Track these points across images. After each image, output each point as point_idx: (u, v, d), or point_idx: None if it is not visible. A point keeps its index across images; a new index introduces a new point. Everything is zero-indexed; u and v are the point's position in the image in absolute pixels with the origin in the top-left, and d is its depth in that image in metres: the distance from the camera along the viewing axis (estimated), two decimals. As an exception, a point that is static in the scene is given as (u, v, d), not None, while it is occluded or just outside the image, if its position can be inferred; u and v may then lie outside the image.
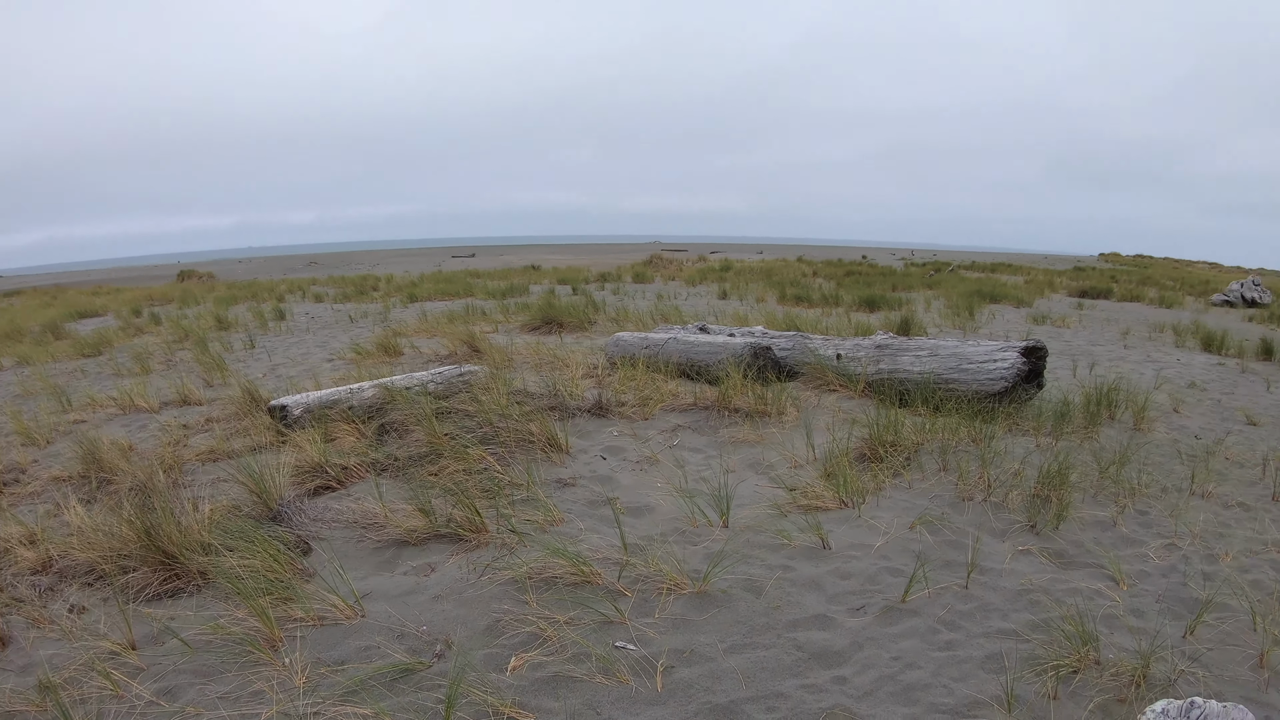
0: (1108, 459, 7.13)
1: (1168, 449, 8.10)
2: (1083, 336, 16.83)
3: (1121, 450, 7.35)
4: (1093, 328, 18.61)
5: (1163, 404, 10.14)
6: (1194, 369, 13.39)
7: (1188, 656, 4.34)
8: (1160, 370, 12.93)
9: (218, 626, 4.18)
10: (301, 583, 4.74)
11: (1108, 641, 4.39)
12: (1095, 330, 18.05)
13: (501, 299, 22.50)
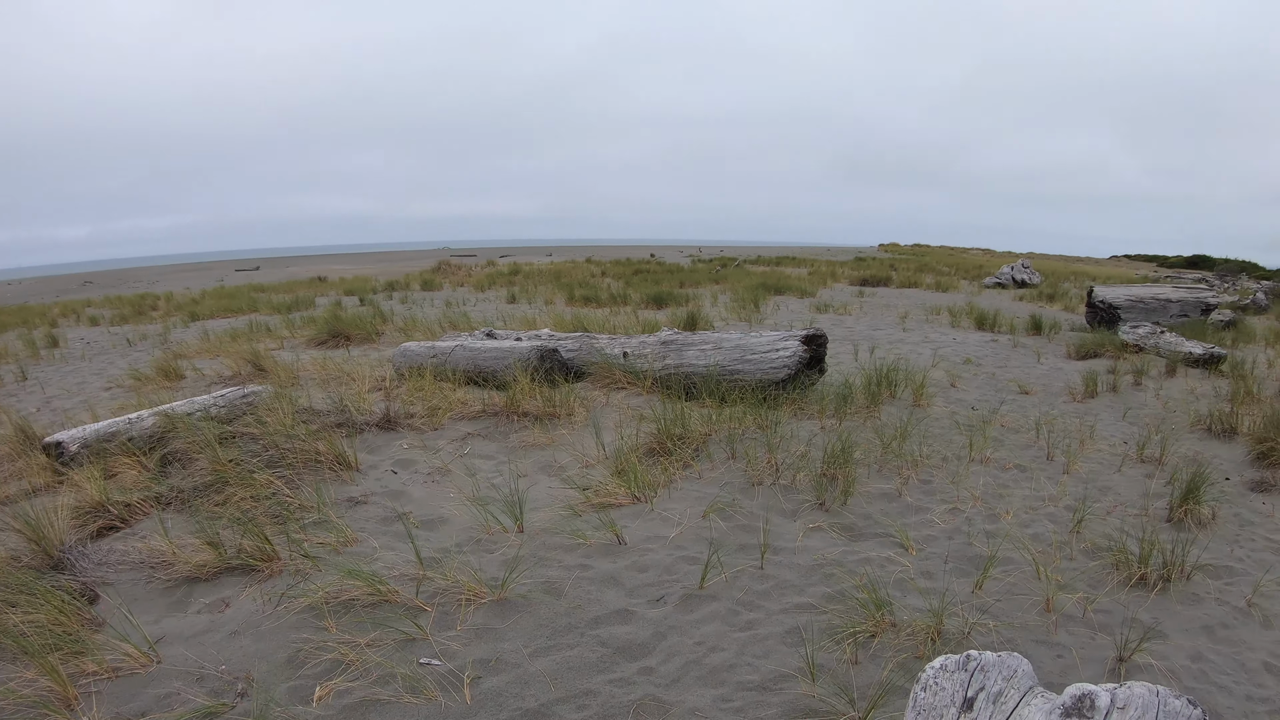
0: (890, 435, 7.69)
1: (946, 421, 8.80)
2: (864, 322, 18.14)
3: (902, 426, 7.96)
4: (873, 314, 19.58)
5: (941, 380, 10.99)
6: (969, 346, 14.55)
7: (978, 609, 4.77)
8: (937, 349, 13.98)
9: (8, 690, 3.94)
10: (91, 634, 4.51)
11: (901, 604, 4.76)
12: (876, 316, 19.27)
13: (287, 313, 22.20)
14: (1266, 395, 10.85)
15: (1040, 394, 10.79)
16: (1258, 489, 7.36)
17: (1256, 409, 9.73)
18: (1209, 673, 4.36)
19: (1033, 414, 9.43)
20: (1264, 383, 11.81)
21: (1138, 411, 10.01)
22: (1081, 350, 14.27)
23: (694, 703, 3.81)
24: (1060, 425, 9.03)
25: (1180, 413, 9.94)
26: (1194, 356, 13.42)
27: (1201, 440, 8.83)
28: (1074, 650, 4.43)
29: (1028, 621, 4.69)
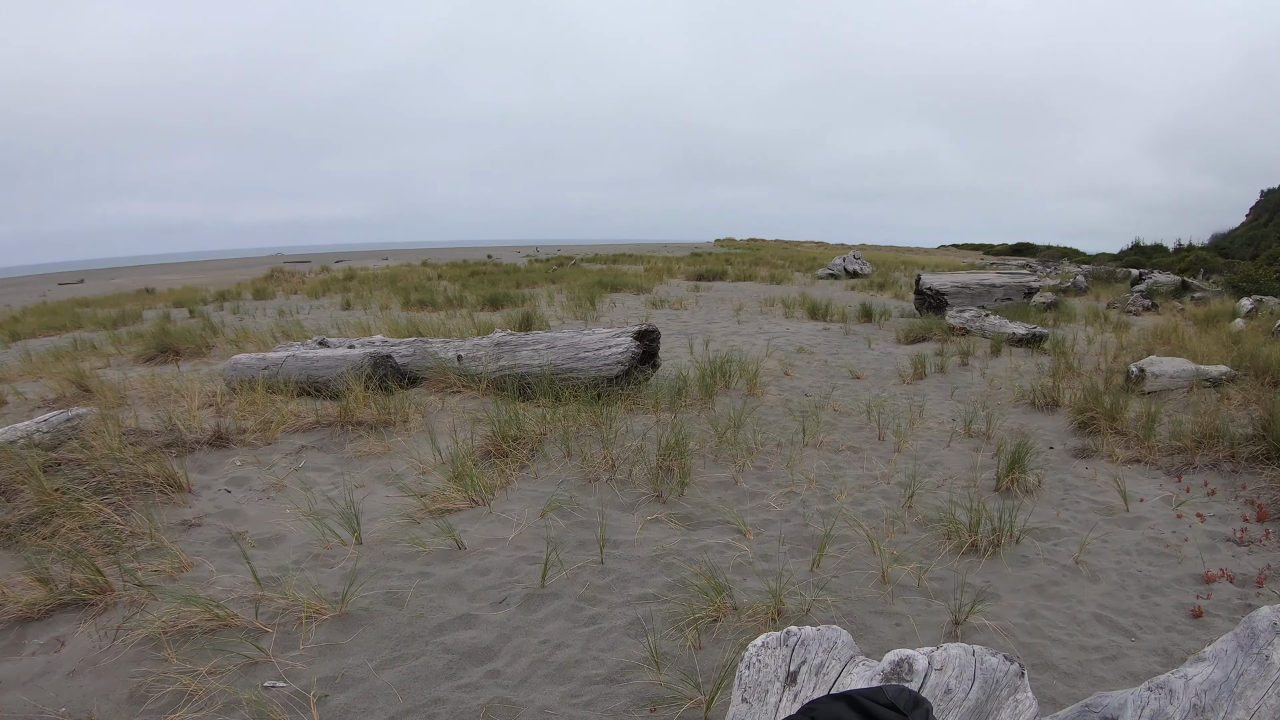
0: (725, 425, 7.90)
1: (781, 409, 9.08)
2: (699, 316, 18.45)
3: (737, 415, 8.20)
4: (709, 308, 20.01)
5: (775, 370, 11.36)
6: (802, 336, 15.04)
7: (816, 587, 4.97)
8: (771, 340, 14.41)
9: None
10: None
11: (741, 588, 4.93)
12: (711, 310, 19.70)
13: (113, 329, 20.87)
14: (1086, 369, 11.58)
15: (871, 378, 11.26)
16: (1080, 455, 7.87)
17: (1077, 382, 10.42)
18: (1042, 628, 4.67)
19: (864, 397, 9.82)
20: (1083, 358, 12.61)
21: (965, 390, 10.57)
22: (910, 335, 14.95)
23: (543, 701, 3.87)
24: (891, 407, 9.46)
25: (1005, 389, 10.53)
26: (1017, 336, 14.26)
27: (1026, 414, 9.37)
28: (911, 618, 4.66)
29: (865, 594, 4.91)
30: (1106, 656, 4.41)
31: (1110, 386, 10.13)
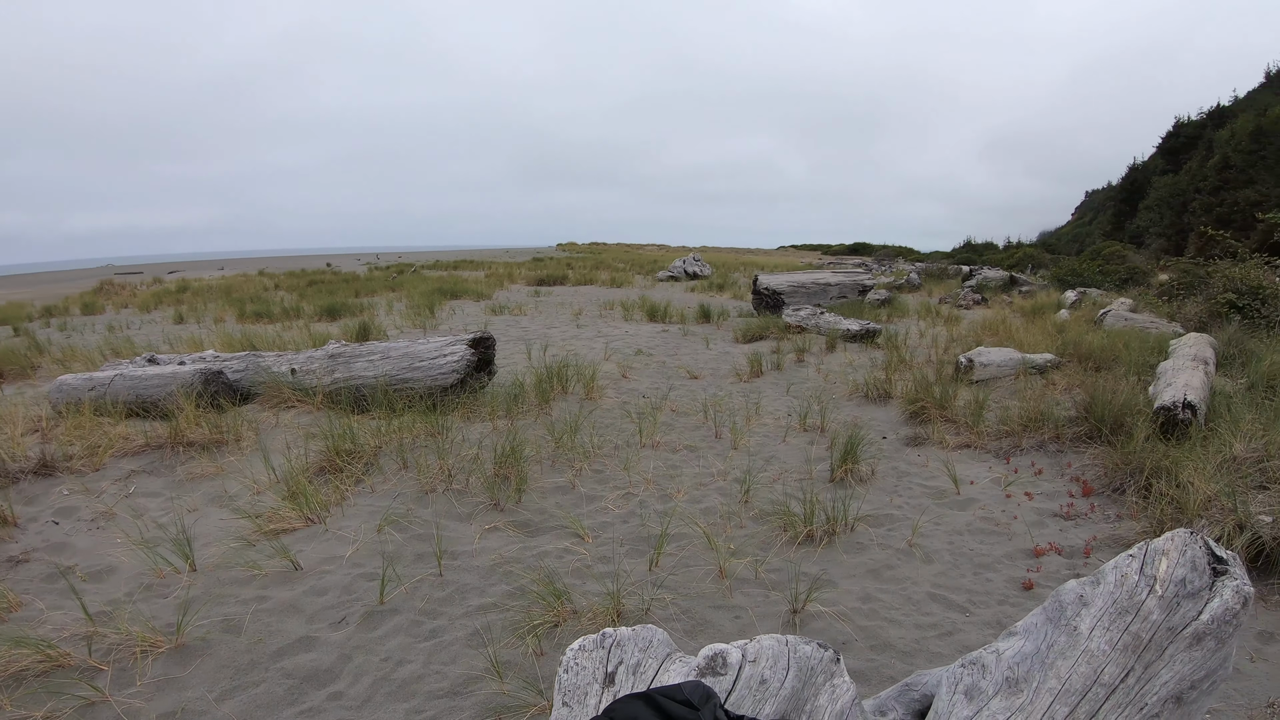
0: (562, 430, 7.93)
1: (618, 412, 9.18)
2: (539, 322, 18.19)
3: (574, 420, 8.26)
4: (548, 313, 20.02)
5: (612, 373, 11.43)
6: (641, 338, 15.21)
7: (655, 585, 5.04)
8: (610, 343, 14.53)
9: None
10: None
11: (581, 591, 4.97)
12: (551, 315, 19.73)
13: None
14: (918, 361, 12.03)
15: (709, 377, 11.46)
16: (912, 444, 8.17)
17: (908, 374, 10.83)
18: (879, 610, 4.84)
19: (702, 397, 9.99)
20: (915, 350, 13.09)
21: (800, 386, 10.84)
22: (748, 334, 15.28)
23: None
24: (728, 405, 9.63)
25: (840, 383, 10.87)
26: (851, 332, 14.77)
27: (860, 406, 9.68)
28: (750, 610, 4.77)
29: (704, 590, 5.00)
30: (942, 633, 4.60)
31: (941, 377, 10.59)
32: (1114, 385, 9.18)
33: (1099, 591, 2.52)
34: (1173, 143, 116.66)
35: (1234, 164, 74.48)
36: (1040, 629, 2.58)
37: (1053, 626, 2.54)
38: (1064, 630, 2.50)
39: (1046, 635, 2.54)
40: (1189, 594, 2.42)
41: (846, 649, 4.45)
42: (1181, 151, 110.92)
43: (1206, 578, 2.45)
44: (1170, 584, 2.44)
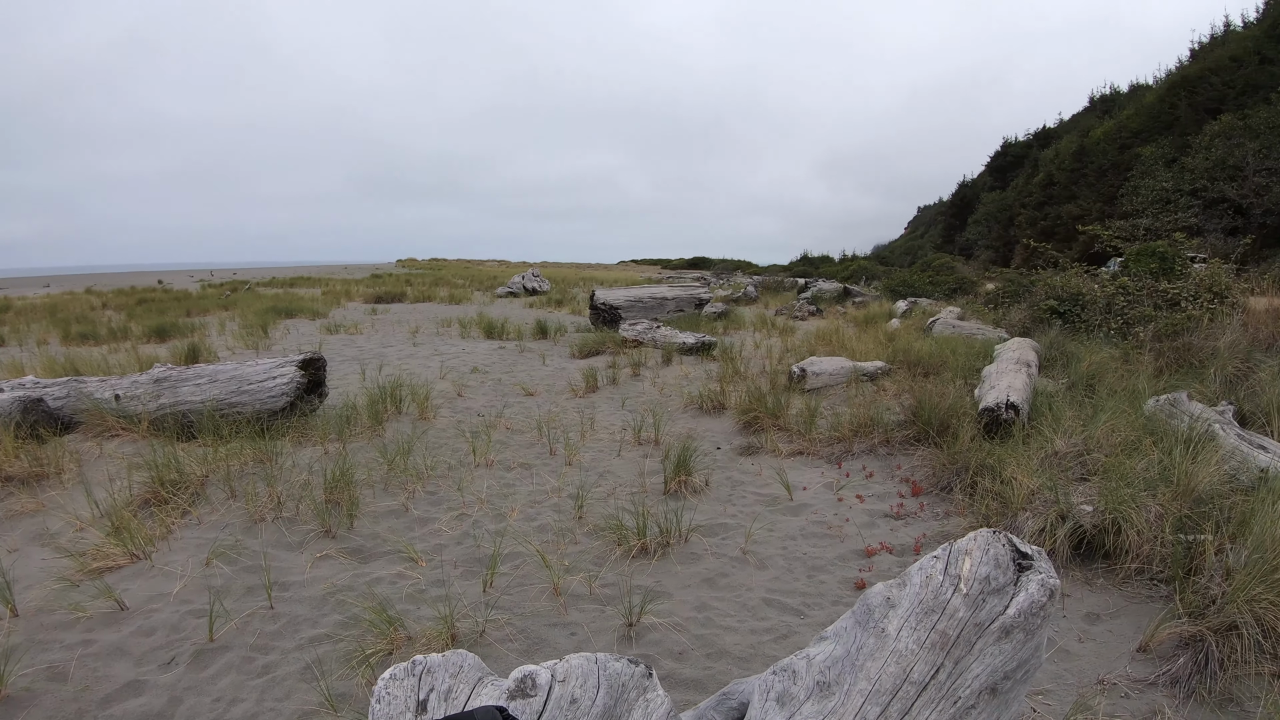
0: (394, 451, 7.84)
1: (452, 431, 9.13)
2: (375, 340, 17.94)
3: (407, 441, 8.20)
4: (385, 331, 19.80)
5: (448, 391, 11.38)
6: (477, 355, 15.18)
7: (490, 607, 5.04)
8: (446, 361, 14.48)
9: None
10: None
11: (415, 617, 4.92)
12: (387, 333, 19.53)
13: None
14: (752, 372, 12.30)
15: (545, 394, 11.52)
16: (746, 453, 8.36)
17: (742, 385, 11.05)
18: (714, 618, 4.95)
19: (537, 414, 10.05)
20: (750, 362, 13.38)
21: (636, 400, 10.99)
22: (584, 349, 15.43)
23: (220, 763, 3.70)
24: (563, 421, 9.72)
25: (675, 396, 11.05)
26: (687, 345, 15.11)
27: (695, 418, 9.86)
28: (586, 626, 4.82)
29: (539, 609, 5.02)
30: (778, 636, 4.73)
31: (775, 387, 10.88)
32: (941, 389, 9.62)
33: (905, 593, 2.62)
34: (1000, 161, 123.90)
35: (1057, 181, 79.38)
36: (850, 632, 2.66)
37: (861, 629, 2.63)
38: (872, 632, 2.58)
39: (856, 638, 2.62)
40: (994, 590, 2.52)
41: (683, 658, 4.55)
42: (1009, 169, 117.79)
43: (1011, 574, 2.56)
44: (975, 582, 2.54)
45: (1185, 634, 4.59)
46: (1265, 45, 70.06)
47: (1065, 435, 7.45)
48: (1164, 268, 17.30)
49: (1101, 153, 75.59)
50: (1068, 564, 5.70)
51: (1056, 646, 4.75)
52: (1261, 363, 10.65)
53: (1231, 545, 5.11)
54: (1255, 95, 61.20)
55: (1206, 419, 7.54)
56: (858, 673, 2.53)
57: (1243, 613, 4.45)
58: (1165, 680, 4.34)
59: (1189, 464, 6.19)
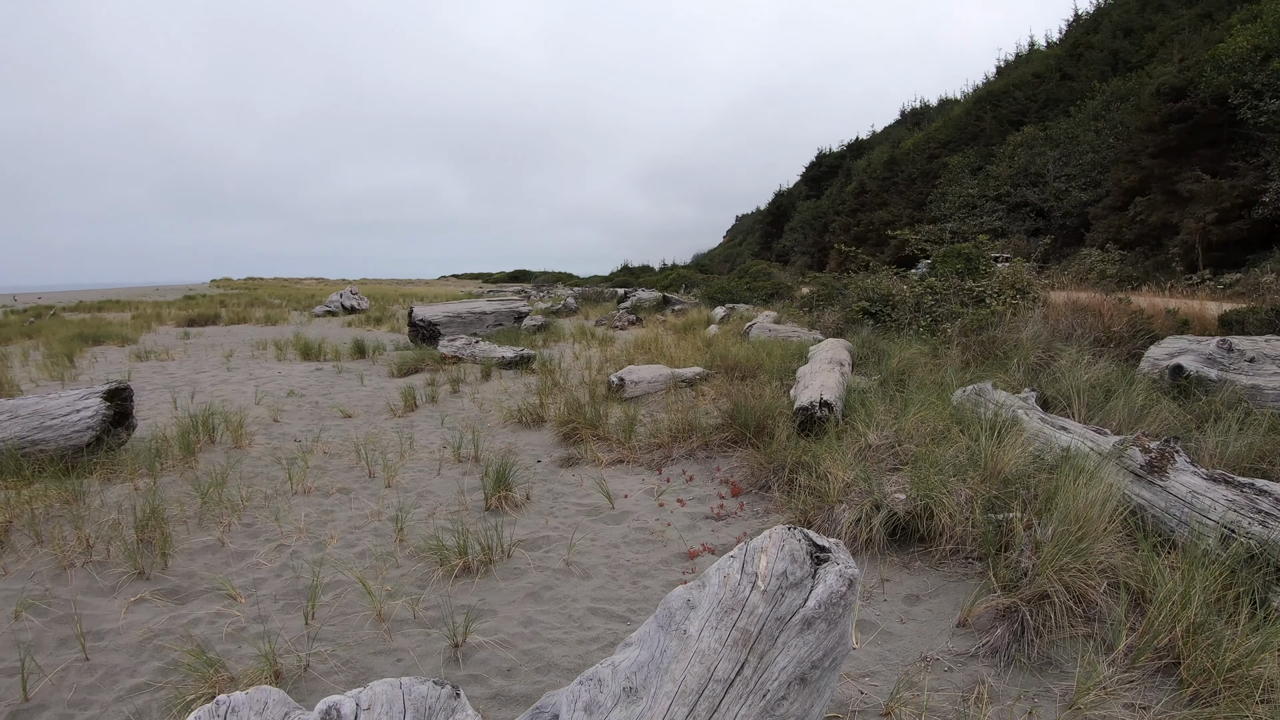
0: (209, 483, 7.60)
1: (269, 459, 8.91)
2: (188, 366, 17.25)
3: (221, 472, 7.97)
4: (198, 355, 19.09)
5: (263, 417, 11.11)
6: (294, 378, 14.88)
7: (313, 639, 4.95)
8: (261, 385, 14.12)
9: None
10: None
11: (238, 656, 4.79)
12: (201, 358, 18.86)
13: None
14: (571, 384, 12.43)
15: (363, 415, 11.39)
16: (566, 464, 8.47)
17: (562, 397, 11.11)
18: (541, 632, 5.00)
19: (355, 436, 9.93)
20: (570, 373, 13.51)
21: (455, 417, 10.97)
22: (403, 368, 15.37)
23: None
24: (382, 442, 9.64)
25: (495, 411, 11.08)
26: (507, 359, 15.26)
27: (514, 432, 9.90)
28: (411, 651, 4.79)
29: (363, 637, 4.96)
30: (605, 645, 4.81)
31: (594, 397, 11.01)
32: (758, 391, 9.90)
33: (705, 594, 2.73)
34: (816, 171, 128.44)
35: (869, 189, 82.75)
36: (654, 636, 2.75)
37: (664, 633, 2.72)
38: (675, 635, 2.68)
39: (660, 642, 2.71)
40: (792, 584, 2.64)
41: (512, 675, 4.57)
42: (823, 179, 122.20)
43: (808, 567, 2.69)
44: (772, 578, 2.66)
45: (1001, 606, 4.94)
46: (1066, 63, 75.16)
47: (878, 429, 7.81)
48: (969, 268, 18.22)
49: (911, 162, 79.21)
50: (885, 551, 6.01)
51: (879, 629, 4.99)
52: (1062, 351, 11.43)
53: (1039, 521, 5.51)
54: (1055, 108, 65.84)
55: (1011, 406, 8.05)
56: (663, 675, 2.61)
57: (1053, 582, 4.84)
58: (985, 651, 4.64)
59: (995, 448, 6.64)
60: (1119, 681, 4.24)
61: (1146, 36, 66.83)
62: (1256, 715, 3.69)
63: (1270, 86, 35.17)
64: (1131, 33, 71.08)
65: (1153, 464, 6.09)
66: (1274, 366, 9.56)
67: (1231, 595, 4.72)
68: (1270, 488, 5.35)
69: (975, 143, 72.35)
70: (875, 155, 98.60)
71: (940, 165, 71.67)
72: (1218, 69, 38.18)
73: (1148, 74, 55.70)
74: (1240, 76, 36.50)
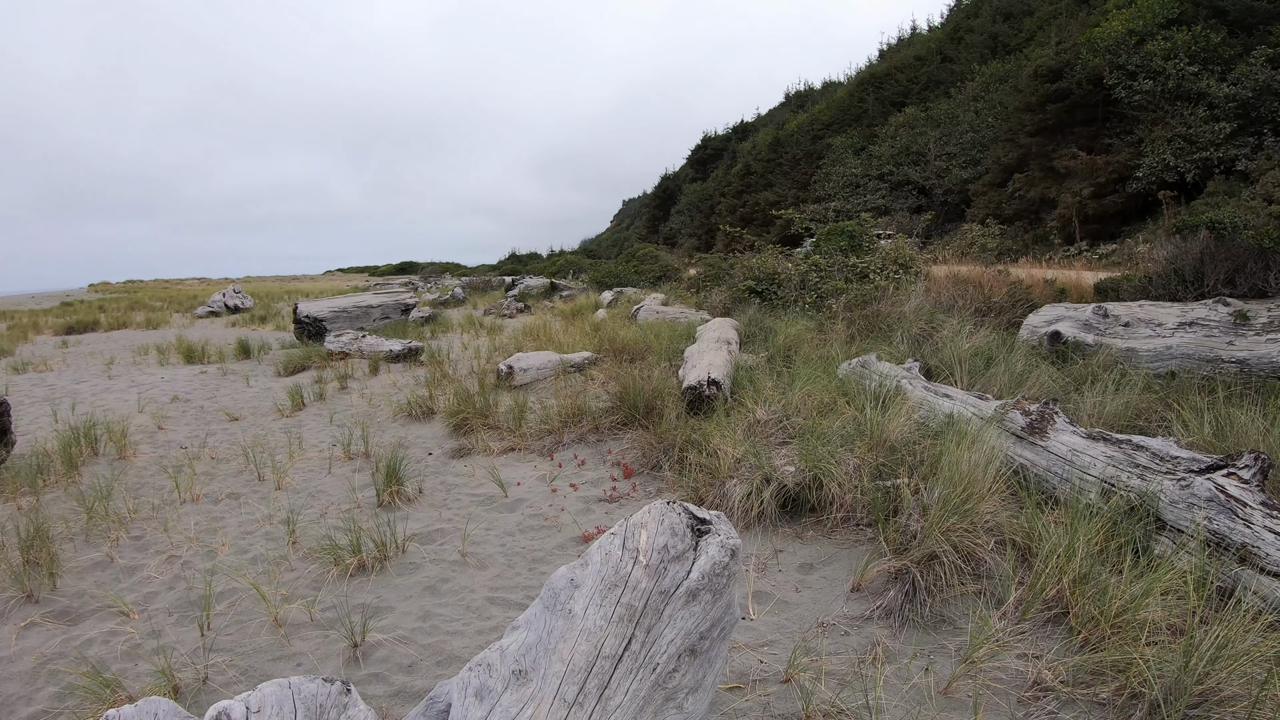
0: (94, 497, 7.43)
1: (154, 468, 8.75)
2: (67, 376, 16.65)
3: (106, 484, 7.80)
4: (78, 365, 18.51)
5: (147, 425, 10.87)
6: (178, 383, 14.56)
7: (210, 650, 4.89)
8: (144, 392, 13.80)
9: None
10: None
11: (135, 674, 4.72)
12: (81, 367, 18.32)
13: None
14: (460, 374, 12.39)
15: (250, 417, 11.22)
16: (458, 455, 8.50)
17: (451, 388, 11.10)
18: (440, 625, 5.04)
19: (242, 439, 9.78)
20: (458, 364, 13.46)
21: (344, 414, 10.91)
22: (290, 366, 15.18)
23: None
24: (269, 444, 9.52)
25: (384, 406, 11.04)
26: (394, 353, 15.21)
27: (405, 426, 9.89)
28: (310, 654, 4.78)
29: (260, 644, 4.92)
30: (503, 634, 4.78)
31: (484, 387, 11.00)
32: (646, 373, 10.01)
33: (588, 573, 2.80)
34: (702, 154, 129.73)
35: (755, 170, 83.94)
36: (540, 618, 2.82)
37: (550, 613, 2.79)
38: (561, 615, 2.75)
39: (546, 623, 2.78)
40: (674, 558, 2.72)
41: (413, 670, 4.59)
42: (709, 161, 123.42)
43: (689, 540, 2.77)
44: (653, 552, 2.74)
45: (893, 569, 5.14)
46: (947, 46, 77.06)
47: (765, 404, 7.98)
48: (853, 245, 18.65)
49: (796, 143, 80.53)
50: (778, 522, 6.19)
51: (775, 599, 5.14)
52: (944, 322, 11.78)
53: (926, 485, 5.74)
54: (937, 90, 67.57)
55: (895, 376, 8.31)
56: (551, 656, 2.68)
57: (941, 543, 5.06)
58: (880, 614, 4.82)
59: (881, 418, 6.87)
60: (1011, 634, 4.43)
61: (1025, 20, 69.01)
62: (1144, 656, 3.87)
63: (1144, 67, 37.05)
64: (1011, 17, 73.26)
65: (1033, 425, 6.38)
66: (1148, 330, 10.02)
67: (1114, 546, 4.96)
68: (1147, 442, 5.63)
69: (858, 124, 73.92)
70: (760, 137, 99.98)
71: (824, 146, 73.09)
72: (1094, 51, 39.94)
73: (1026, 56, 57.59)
74: (1115, 58, 38.39)
